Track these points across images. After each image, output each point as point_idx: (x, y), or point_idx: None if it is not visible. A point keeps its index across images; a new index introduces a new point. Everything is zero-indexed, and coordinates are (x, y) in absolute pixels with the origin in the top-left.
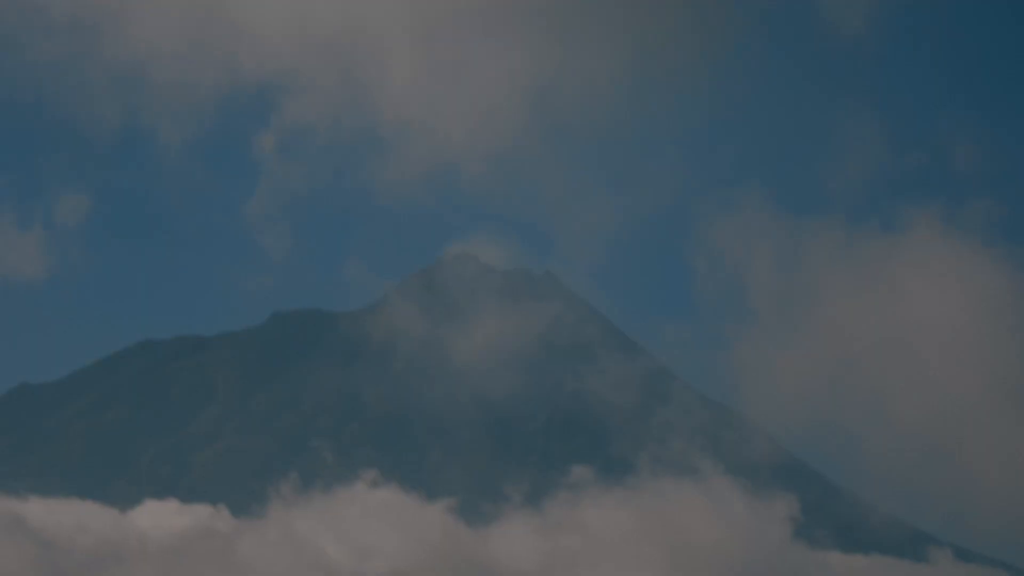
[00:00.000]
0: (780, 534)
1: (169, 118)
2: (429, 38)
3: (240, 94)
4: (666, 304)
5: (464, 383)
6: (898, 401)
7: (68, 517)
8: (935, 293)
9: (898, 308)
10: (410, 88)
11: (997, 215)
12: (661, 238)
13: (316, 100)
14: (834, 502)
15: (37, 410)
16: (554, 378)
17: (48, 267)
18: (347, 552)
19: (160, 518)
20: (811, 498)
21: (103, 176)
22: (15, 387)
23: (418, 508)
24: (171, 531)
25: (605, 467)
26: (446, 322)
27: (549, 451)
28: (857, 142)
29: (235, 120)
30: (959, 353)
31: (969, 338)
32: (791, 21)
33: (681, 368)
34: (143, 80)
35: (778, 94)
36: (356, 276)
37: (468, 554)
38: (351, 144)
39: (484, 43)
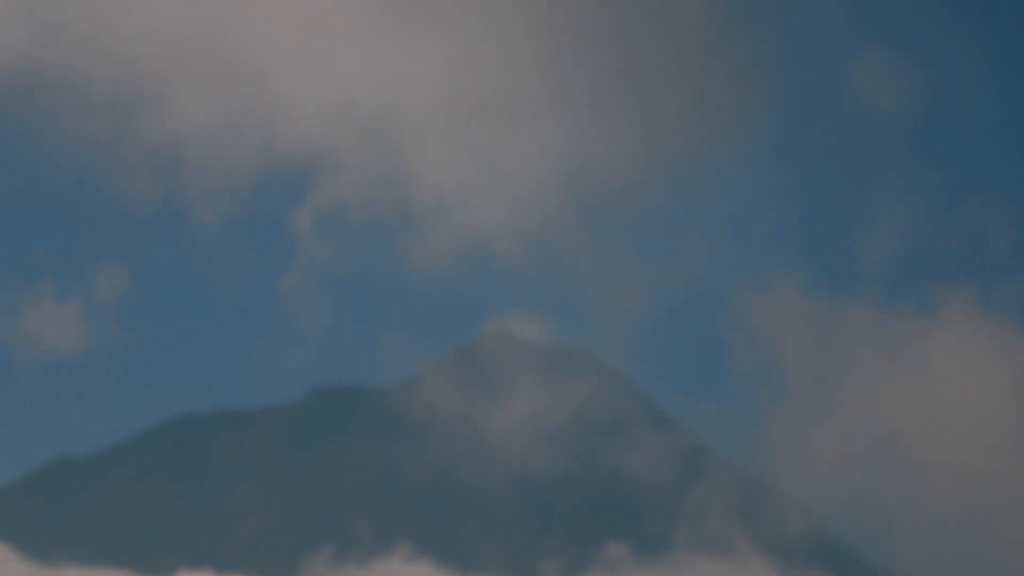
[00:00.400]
0: None
1: (207, 195)
2: (463, 118)
3: (277, 172)
4: (701, 381)
5: (501, 460)
6: (934, 482)
7: None
8: (970, 374)
9: (933, 388)
10: (444, 167)
11: None
12: (695, 316)
13: (352, 178)
14: None
15: (76, 482)
16: (591, 455)
17: (87, 339)
18: None
19: None
20: None
21: (141, 251)
22: (54, 459)
23: None
24: None
25: (641, 545)
26: (483, 399)
27: (585, 528)
28: (890, 221)
29: (272, 197)
30: (996, 434)
31: (1006, 419)
32: (822, 99)
33: (717, 445)
34: (181, 158)
35: (809, 172)
36: (393, 352)
37: None
38: (386, 222)
39: (518, 123)
